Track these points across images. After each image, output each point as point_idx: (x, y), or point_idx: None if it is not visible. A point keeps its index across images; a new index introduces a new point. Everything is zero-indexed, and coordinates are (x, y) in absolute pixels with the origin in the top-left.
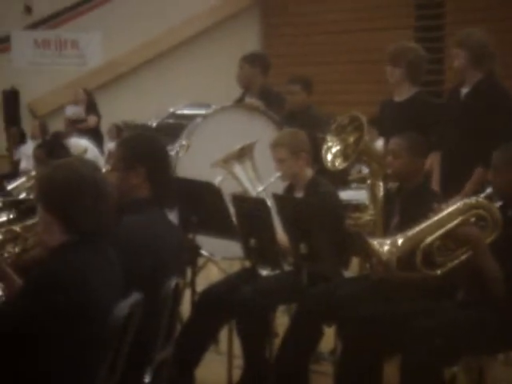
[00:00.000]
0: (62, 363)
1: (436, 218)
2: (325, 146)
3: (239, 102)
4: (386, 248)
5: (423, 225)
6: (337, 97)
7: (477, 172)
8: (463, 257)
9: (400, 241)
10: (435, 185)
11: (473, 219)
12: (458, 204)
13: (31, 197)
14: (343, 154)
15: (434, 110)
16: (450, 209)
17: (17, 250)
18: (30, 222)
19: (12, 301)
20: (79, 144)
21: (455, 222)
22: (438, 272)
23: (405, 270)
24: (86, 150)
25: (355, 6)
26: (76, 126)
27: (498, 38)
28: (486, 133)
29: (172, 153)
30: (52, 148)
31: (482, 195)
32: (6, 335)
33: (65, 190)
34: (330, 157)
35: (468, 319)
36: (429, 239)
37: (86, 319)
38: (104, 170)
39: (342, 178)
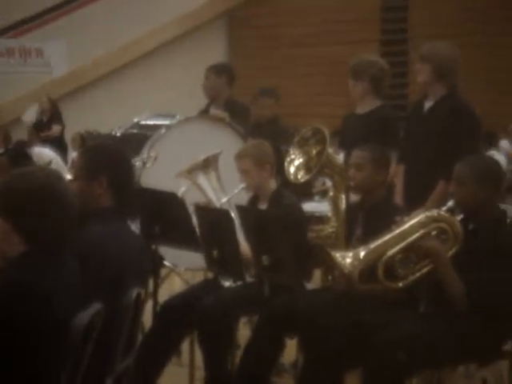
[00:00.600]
0: (20, 374)
1: (398, 231)
2: (287, 159)
3: (204, 112)
4: (348, 261)
5: (385, 237)
6: (303, 109)
7: (439, 185)
8: (425, 270)
9: (362, 253)
10: (398, 197)
11: (434, 232)
12: (420, 217)
13: None
14: (306, 166)
15: (396, 123)
16: (412, 222)
17: None
18: None
19: None
20: (43, 153)
21: (416, 234)
22: (400, 284)
23: (367, 283)
24: (50, 162)
25: (321, 20)
26: (40, 135)
27: (461, 53)
28: (448, 146)
29: (138, 163)
30: (15, 156)
31: (444, 208)
32: None
33: (24, 200)
34: (292, 169)
35: (429, 332)
36: (390, 252)
37: (45, 329)
38: (67, 180)
39: (305, 190)
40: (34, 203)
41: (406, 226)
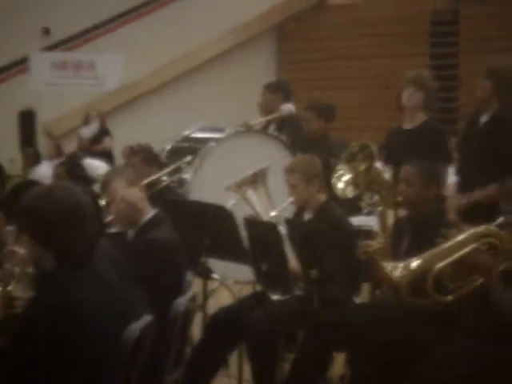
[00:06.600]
0: None
1: (448, 245)
2: (336, 174)
3: (264, 129)
4: (398, 271)
5: (435, 250)
6: (353, 122)
7: (492, 185)
8: (474, 284)
9: (413, 264)
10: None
11: (484, 247)
12: (470, 231)
13: None
14: (354, 182)
15: (446, 137)
16: (462, 236)
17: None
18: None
19: (13, 337)
20: (93, 165)
21: (467, 249)
22: (450, 298)
23: (415, 296)
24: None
25: (370, 33)
26: (92, 148)
27: None
28: (503, 161)
29: (187, 175)
30: (72, 168)
31: (494, 224)
32: (12, 372)
33: (50, 220)
34: (340, 185)
35: (475, 358)
36: (440, 265)
37: (87, 342)
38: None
39: (353, 204)
40: (60, 222)
41: (456, 239)
